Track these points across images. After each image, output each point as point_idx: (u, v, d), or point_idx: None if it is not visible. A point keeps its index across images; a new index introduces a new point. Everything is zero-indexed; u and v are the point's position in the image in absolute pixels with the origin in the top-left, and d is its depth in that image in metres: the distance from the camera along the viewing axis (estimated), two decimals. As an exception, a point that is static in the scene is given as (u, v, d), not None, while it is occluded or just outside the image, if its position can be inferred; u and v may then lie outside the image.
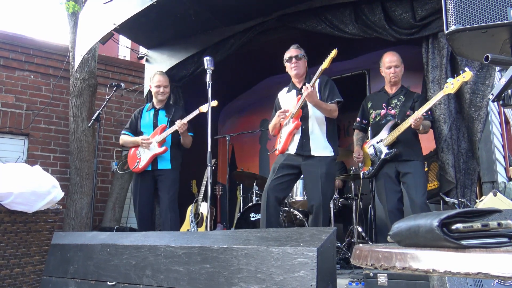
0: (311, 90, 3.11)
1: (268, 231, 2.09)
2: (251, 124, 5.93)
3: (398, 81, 3.49)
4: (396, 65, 3.43)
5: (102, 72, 5.99)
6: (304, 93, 3.14)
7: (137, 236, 2.58)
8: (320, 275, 1.67)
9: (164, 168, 3.96)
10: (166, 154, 3.97)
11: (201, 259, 2.05)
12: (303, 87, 3.19)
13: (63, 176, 5.47)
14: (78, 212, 5.06)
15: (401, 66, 3.46)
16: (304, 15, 4.10)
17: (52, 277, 2.72)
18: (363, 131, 3.71)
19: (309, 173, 3.27)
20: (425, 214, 0.70)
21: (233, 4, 4.15)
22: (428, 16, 3.50)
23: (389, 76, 3.45)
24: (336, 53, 3.05)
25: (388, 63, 3.44)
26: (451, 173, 3.29)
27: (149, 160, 3.92)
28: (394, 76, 3.43)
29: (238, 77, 5.71)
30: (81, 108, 5.26)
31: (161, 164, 3.96)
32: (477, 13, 1.25)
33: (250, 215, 4.35)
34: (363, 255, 0.77)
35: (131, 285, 2.30)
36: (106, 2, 4.20)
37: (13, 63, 5.41)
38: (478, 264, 0.58)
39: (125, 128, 4.17)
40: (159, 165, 3.95)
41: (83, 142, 5.20)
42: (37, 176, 1.44)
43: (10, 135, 5.33)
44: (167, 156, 3.97)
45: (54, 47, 5.70)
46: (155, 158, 3.94)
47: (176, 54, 4.87)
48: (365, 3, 3.78)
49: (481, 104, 3.29)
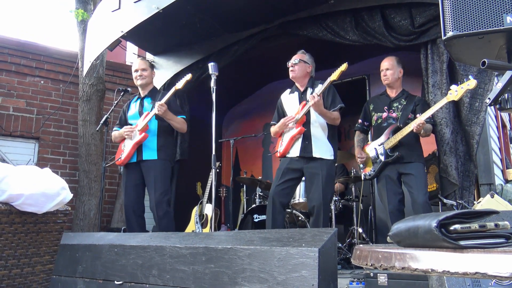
0: (317, 99, 3.17)
1: (270, 232, 2.10)
2: (254, 128, 5.94)
3: (391, 84, 3.53)
4: (387, 68, 3.50)
5: (110, 77, 6.07)
6: (311, 102, 3.20)
7: (144, 236, 2.59)
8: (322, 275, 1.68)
9: (149, 158, 3.57)
10: (151, 143, 3.60)
11: (206, 259, 2.06)
12: (310, 96, 3.24)
13: (72, 178, 5.54)
14: (87, 213, 5.11)
15: (394, 70, 3.50)
16: (306, 22, 4.15)
17: (61, 276, 2.72)
18: (364, 132, 3.75)
19: (311, 175, 3.33)
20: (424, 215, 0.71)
21: (237, 12, 4.21)
22: (426, 23, 3.53)
23: (382, 79, 3.55)
24: (346, 67, 3.12)
25: (381, 67, 3.56)
26: (454, 175, 3.30)
27: (130, 151, 3.59)
28: (385, 79, 3.52)
29: (242, 83, 5.77)
30: (89, 112, 5.33)
31: (146, 154, 3.58)
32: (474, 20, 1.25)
33: (254, 216, 4.37)
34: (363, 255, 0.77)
35: (138, 284, 2.31)
36: (114, 10, 4.25)
37: (24, 69, 5.51)
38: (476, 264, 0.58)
39: (116, 125, 3.96)
40: (144, 155, 3.58)
41: (92, 146, 5.27)
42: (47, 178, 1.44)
43: (21, 138, 5.43)
44: (153, 145, 3.60)
45: (63, 54, 5.79)
46: (139, 148, 3.60)
47: (181, 60, 4.92)
48: (365, 11, 3.83)
49: (480, 108, 3.31)
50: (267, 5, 4.05)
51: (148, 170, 3.59)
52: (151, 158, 3.59)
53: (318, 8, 4.02)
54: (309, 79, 3.52)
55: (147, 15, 3.94)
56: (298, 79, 3.50)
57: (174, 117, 3.62)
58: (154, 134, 3.64)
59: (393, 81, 3.52)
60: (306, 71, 3.49)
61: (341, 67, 3.14)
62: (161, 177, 3.57)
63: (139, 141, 3.59)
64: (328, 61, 4.65)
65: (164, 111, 3.48)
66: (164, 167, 3.62)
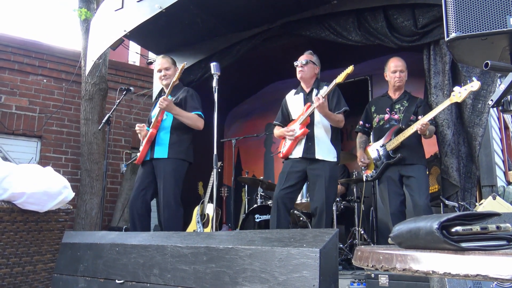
0: (322, 101, 3.17)
1: (272, 232, 2.10)
2: (256, 128, 5.94)
3: (402, 86, 3.52)
4: (402, 70, 3.47)
5: (112, 76, 6.10)
6: (316, 104, 3.19)
7: (145, 236, 2.58)
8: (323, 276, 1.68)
9: (160, 157, 3.50)
10: (164, 140, 3.53)
11: (207, 258, 2.06)
12: (315, 98, 3.23)
13: (74, 177, 5.56)
14: (88, 212, 5.14)
15: (405, 72, 3.49)
16: (308, 23, 4.16)
17: (63, 275, 2.72)
18: (366, 134, 3.73)
19: (314, 177, 3.33)
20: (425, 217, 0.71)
21: (239, 12, 4.22)
22: (429, 24, 3.53)
23: (394, 80, 3.48)
24: (352, 69, 3.09)
25: (393, 68, 3.49)
26: (456, 176, 3.30)
27: (144, 148, 3.55)
28: (399, 81, 3.47)
29: (244, 83, 5.76)
30: (92, 111, 5.36)
31: (157, 152, 3.51)
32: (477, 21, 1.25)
33: (255, 216, 4.37)
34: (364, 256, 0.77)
35: (139, 283, 2.30)
36: (117, 10, 4.27)
37: (27, 68, 5.54)
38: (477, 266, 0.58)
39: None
40: (155, 153, 3.52)
41: (94, 145, 5.30)
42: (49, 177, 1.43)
43: (24, 137, 5.46)
44: (165, 142, 3.52)
45: (66, 53, 5.83)
46: (152, 145, 3.54)
47: (184, 60, 4.86)
48: (368, 11, 3.83)
49: (483, 110, 3.31)
50: (270, 5, 4.06)
51: (159, 169, 3.53)
52: (161, 156, 3.51)
53: (321, 8, 4.02)
54: (315, 81, 3.53)
55: (150, 15, 3.96)
56: (306, 79, 3.51)
57: (182, 112, 3.50)
58: (167, 131, 3.56)
59: (404, 83, 3.52)
60: (314, 72, 3.50)
61: (347, 70, 3.12)
62: (170, 176, 3.48)
63: (148, 137, 3.53)
64: (330, 62, 4.65)
65: (166, 105, 3.39)
66: (174, 166, 3.51)
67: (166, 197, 3.45)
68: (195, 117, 3.53)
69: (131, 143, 6.24)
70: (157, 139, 3.56)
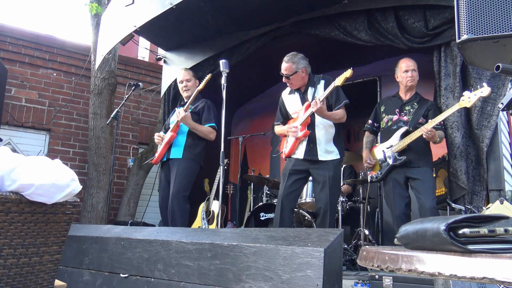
0: (320, 106, 3.11)
1: (277, 231, 2.11)
2: (263, 126, 5.93)
3: (414, 86, 3.48)
4: (413, 69, 3.44)
5: (121, 72, 6.13)
6: (313, 109, 3.15)
7: (150, 230, 2.62)
8: (327, 275, 1.69)
9: (175, 157, 3.78)
10: (181, 142, 3.81)
11: (211, 255, 2.08)
12: (313, 102, 3.19)
13: (81, 170, 5.61)
14: (95, 206, 5.17)
15: (417, 72, 3.46)
16: (318, 22, 4.13)
17: (68, 267, 2.77)
18: (373, 133, 3.70)
19: (318, 177, 3.31)
20: (432, 218, 0.70)
21: (249, 10, 4.21)
22: (440, 25, 3.49)
23: (406, 80, 3.44)
24: (351, 73, 3.02)
25: (405, 68, 3.45)
26: (464, 179, 3.27)
27: (162, 150, 3.85)
28: (411, 80, 3.43)
29: (252, 81, 5.77)
30: (100, 106, 5.39)
31: (173, 153, 3.80)
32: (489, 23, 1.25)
33: (260, 214, 4.38)
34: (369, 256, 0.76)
35: (143, 278, 2.33)
36: (128, 5, 4.28)
37: (38, 61, 5.58)
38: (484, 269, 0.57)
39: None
40: (172, 154, 3.81)
41: (102, 139, 5.33)
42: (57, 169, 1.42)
43: (33, 129, 5.50)
44: (181, 144, 3.80)
45: (76, 47, 5.86)
46: (170, 147, 3.84)
47: (193, 57, 4.93)
48: (379, 11, 3.80)
49: (492, 113, 3.27)
50: (280, 4, 4.04)
51: (173, 167, 3.77)
52: (177, 156, 3.78)
53: (331, 8, 4.00)
54: (308, 79, 3.44)
55: (160, 11, 3.96)
56: (297, 86, 3.45)
57: (196, 126, 3.79)
58: (185, 134, 3.84)
59: (416, 83, 3.48)
60: (301, 76, 3.38)
61: (345, 73, 3.04)
62: (181, 174, 3.71)
63: (168, 140, 3.83)
64: (339, 62, 4.63)
65: (182, 118, 3.70)
66: (186, 166, 3.76)
67: (176, 190, 3.66)
68: (208, 130, 3.83)
69: (138, 138, 6.27)
70: (175, 141, 3.86)
